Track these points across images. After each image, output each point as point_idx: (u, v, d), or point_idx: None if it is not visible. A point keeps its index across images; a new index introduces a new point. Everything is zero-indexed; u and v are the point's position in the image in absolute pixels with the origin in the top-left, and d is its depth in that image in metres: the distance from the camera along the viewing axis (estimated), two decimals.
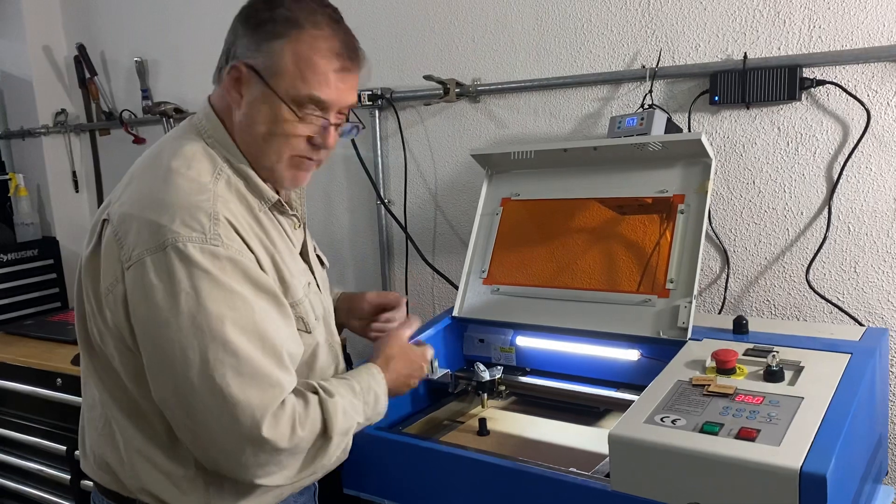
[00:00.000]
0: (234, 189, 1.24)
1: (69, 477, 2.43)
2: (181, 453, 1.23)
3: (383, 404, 1.34)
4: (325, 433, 1.20)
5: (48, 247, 3.23)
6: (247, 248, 1.19)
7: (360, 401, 1.28)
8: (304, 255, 1.39)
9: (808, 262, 1.80)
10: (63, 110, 3.32)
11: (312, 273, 1.40)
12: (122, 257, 1.16)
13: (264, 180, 1.28)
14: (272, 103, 1.20)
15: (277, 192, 1.38)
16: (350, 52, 1.23)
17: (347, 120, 1.31)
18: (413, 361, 1.45)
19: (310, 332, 1.30)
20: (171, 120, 2.87)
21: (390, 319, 1.55)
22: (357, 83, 1.28)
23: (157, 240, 1.13)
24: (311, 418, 1.18)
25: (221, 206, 1.18)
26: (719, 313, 1.93)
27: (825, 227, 1.77)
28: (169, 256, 1.12)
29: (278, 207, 1.31)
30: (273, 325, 1.18)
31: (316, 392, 1.22)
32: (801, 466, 1.08)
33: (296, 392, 1.20)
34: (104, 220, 1.22)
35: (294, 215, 1.36)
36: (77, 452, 1.31)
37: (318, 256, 1.49)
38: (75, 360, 2.24)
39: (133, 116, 3.09)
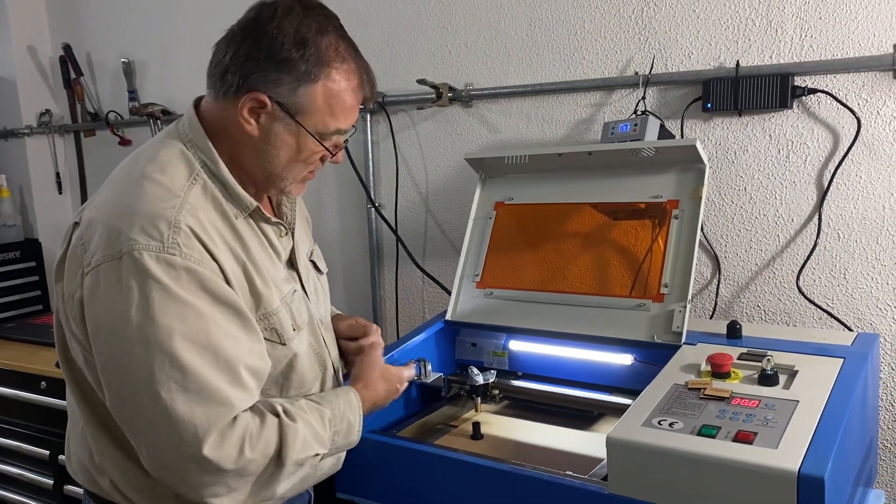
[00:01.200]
0: (209, 196, 1.21)
1: (52, 482, 2.39)
2: None
3: (356, 433, 1.30)
4: (278, 458, 1.15)
5: (30, 249, 3.18)
6: (210, 257, 1.15)
7: (329, 431, 1.23)
8: (292, 262, 1.36)
9: (798, 269, 1.82)
10: (47, 111, 3.27)
11: (301, 280, 1.37)
12: (84, 262, 1.14)
13: (246, 188, 1.25)
14: (300, 137, 1.22)
15: (271, 202, 1.37)
16: (370, 81, 1.26)
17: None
18: (391, 384, 1.44)
19: (284, 344, 1.25)
20: (159, 122, 2.85)
21: (361, 347, 1.49)
22: None
23: (115, 247, 1.11)
24: (265, 440, 1.14)
25: (186, 214, 1.15)
26: (710, 318, 1.94)
27: (815, 233, 1.80)
28: (124, 264, 1.10)
29: (260, 215, 1.28)
30: (229, 340, 1.13)
31: (277, 414, 1.17)
32: (800, 468, 1.09)
33: (254, 410, 1.16)
34: (75, 224, 1.21)
35: (280, 223, 1.33)
36: (61, 457, 1.30)
37: (312, 262, 1.46)
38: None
39: (119, 118, 3.06)
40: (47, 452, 2.37)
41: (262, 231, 1.29)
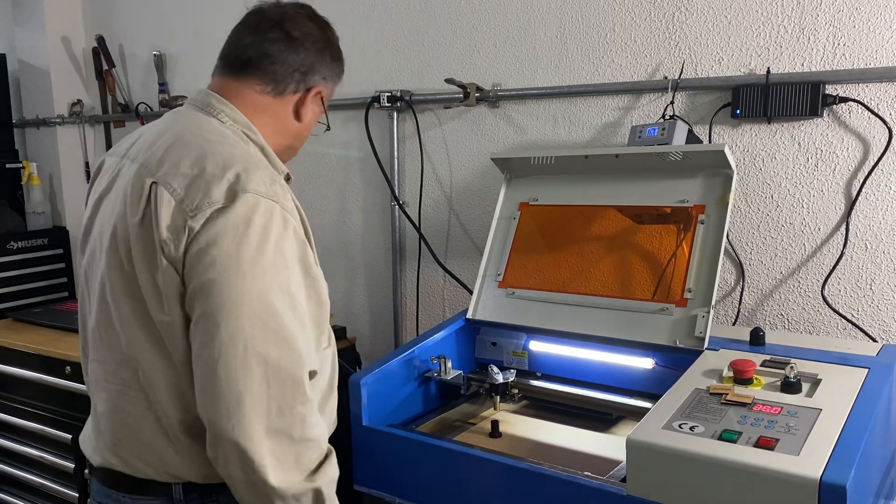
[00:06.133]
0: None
1: (73, 466, 2.42)
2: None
3: None
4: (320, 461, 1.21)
5: (58, 236, 3.23)
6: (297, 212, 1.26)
7: None
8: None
9: (823, 278, 1.81)
10: (79, 101, 3.33)
11: None
12: (187, 210, 1.16)
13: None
14: (316, 118, 1.42)
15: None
16: None
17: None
18: None
19: (329, 346, 1.29)
20: None
21: None
22: None
23: (233, 190, 1.16)
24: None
25: (275, 174, 1.27)
26: (733, 325, 1.93)
27: (842, 243, 1.78)
28: (241, 208, 1.16)
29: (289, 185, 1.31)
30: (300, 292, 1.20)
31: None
32: (822, 476, 1.08)
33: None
34: (153, 184, 1.20)
35: None
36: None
37: None
38: None
39: (149, 110, 3.10)
40: (70, 436, 2.40)
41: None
